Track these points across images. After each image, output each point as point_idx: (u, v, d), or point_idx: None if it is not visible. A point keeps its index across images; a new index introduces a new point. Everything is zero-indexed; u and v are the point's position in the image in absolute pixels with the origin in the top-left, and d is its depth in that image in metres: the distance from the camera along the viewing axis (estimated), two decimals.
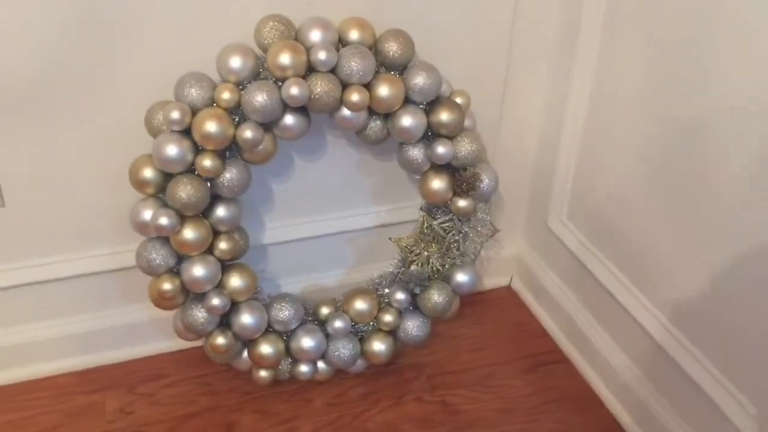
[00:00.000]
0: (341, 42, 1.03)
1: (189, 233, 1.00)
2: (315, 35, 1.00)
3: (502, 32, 1.17)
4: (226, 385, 1.20)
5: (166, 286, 1.02)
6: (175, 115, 0.96)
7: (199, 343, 1.18)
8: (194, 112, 0.97)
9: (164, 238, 1.02)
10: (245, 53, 0.98)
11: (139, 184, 1.01)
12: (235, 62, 0.98)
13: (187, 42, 1.02)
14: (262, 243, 1.21)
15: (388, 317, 1.17)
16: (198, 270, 1.02)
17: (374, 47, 1.04)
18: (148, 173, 1.00)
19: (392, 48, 1.03)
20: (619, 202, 1.13)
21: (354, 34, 1.02)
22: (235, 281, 1.07)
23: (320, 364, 1.18)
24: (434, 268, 1.17)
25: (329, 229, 1.24)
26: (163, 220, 0.98)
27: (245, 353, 1.14)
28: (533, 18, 1.17)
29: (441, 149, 1.08)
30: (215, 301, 1.04)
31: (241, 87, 0.98)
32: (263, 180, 1.17)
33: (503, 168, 1.31)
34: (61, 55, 0.98)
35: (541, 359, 1.29)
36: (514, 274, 1.45)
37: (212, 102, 0.98)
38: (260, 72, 1.00)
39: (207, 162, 0.98)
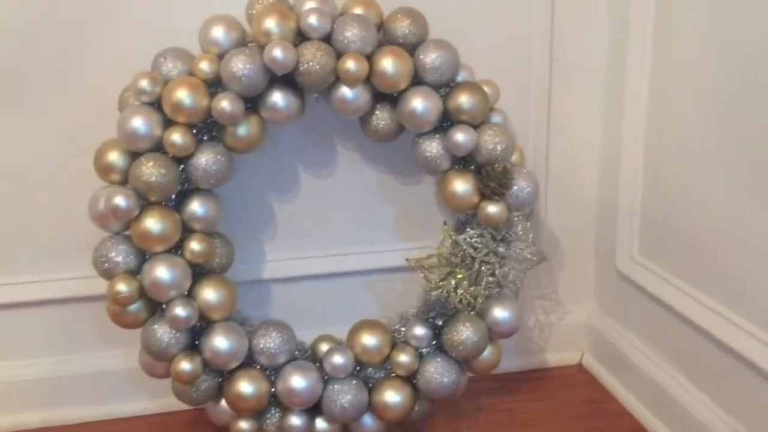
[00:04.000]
0: None
1: (152, 222, 0.84)
2: (310, 5, 0.89)
3: (542, 37, 1.03)
4: None
5: (120, 287, 0.84)
6: (144, 83, 0.85)
7: (183, 405, 0.96)
8: None
9: (126, 236, 0.86)
10: (229, 24, 0.88)
11: (104, 169, 0.87)
12: (217, 32, 0.87)
13: (175, 20, 0.93)
14: (262, 278, 1.03)
15: (403, 357, 0.92)
16: (161, 270, 0.84)
17: (381, 28, 0.92)
18: (113, 156, 0.87)
19: (401, 26, 0.90)
20: (699, 216, 0.89)
21: (357, 12, 0.91)
22: (208, 293, 0.88)
23: (319, 422, 0.92)
24: (463, 300, 0.94)
25: (343, 267, 1.05)
26: (119, 200, 0.83)
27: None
28: (576, 19, 1.03)
29: (460, 136, 0.90)
30: (179, 311, 0.85)
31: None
32: (263, 197, 1.01)
33: (558, 208, 1.10)
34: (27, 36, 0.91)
35: None
36: (585, 350, 1.16)
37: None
38: (247, 46, 0.89)
39: (176, 137, 0.84)
